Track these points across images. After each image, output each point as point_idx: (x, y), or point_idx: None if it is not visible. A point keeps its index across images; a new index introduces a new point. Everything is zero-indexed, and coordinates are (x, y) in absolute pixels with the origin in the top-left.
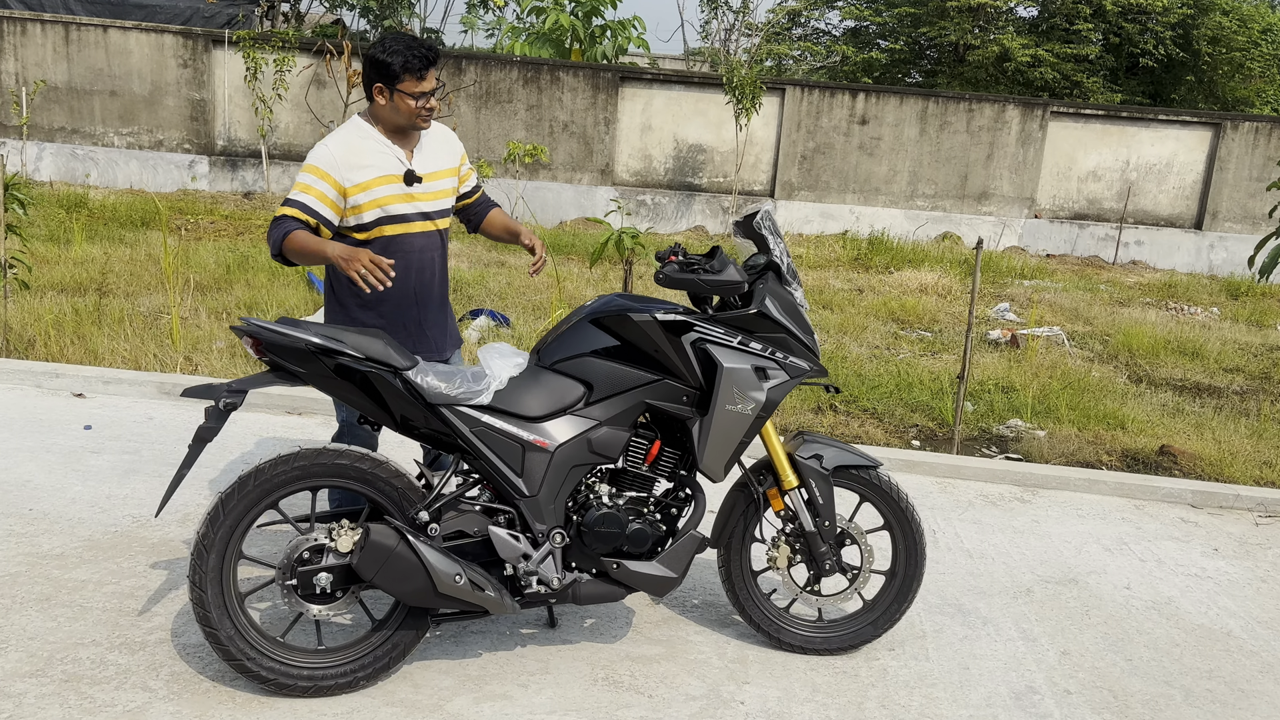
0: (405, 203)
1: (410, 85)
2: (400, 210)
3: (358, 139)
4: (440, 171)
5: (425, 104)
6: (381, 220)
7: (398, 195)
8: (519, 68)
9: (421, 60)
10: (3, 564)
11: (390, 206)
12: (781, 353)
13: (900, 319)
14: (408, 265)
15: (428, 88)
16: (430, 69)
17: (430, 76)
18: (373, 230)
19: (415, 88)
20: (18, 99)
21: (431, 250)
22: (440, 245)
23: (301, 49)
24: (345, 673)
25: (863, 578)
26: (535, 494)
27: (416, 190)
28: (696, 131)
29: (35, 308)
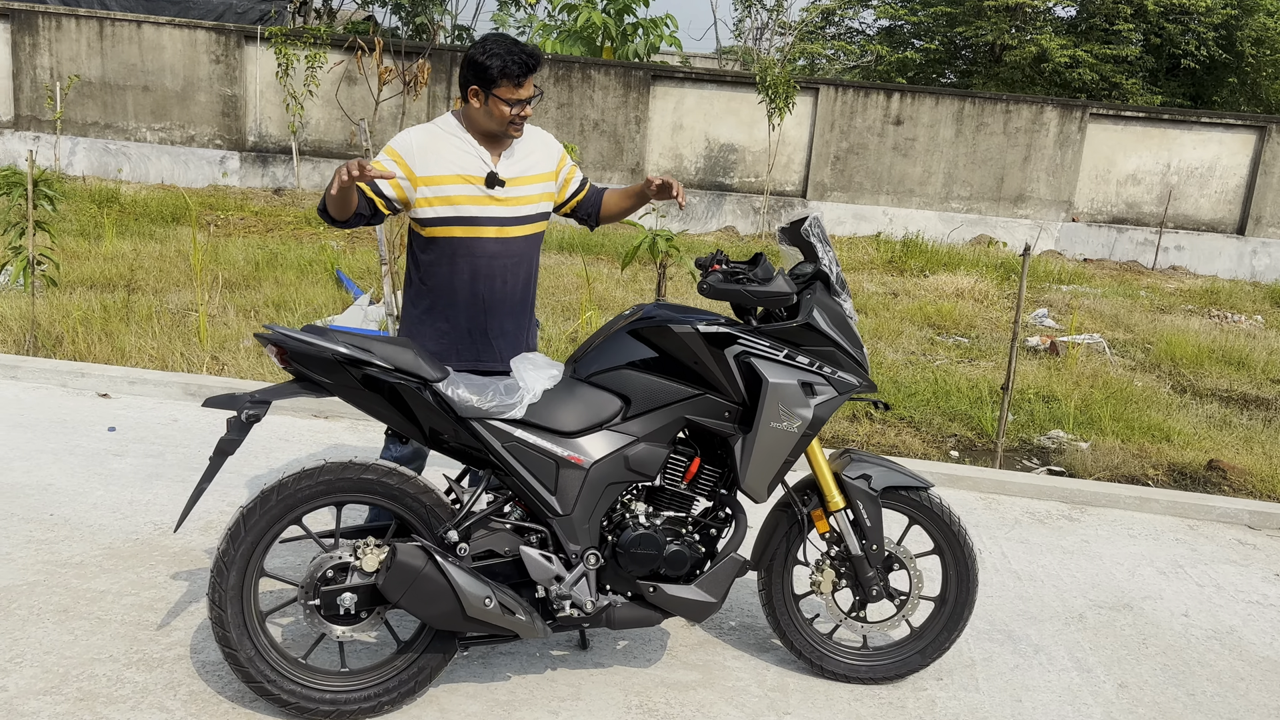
0: (480, 205)
1: (506, 91)
2: (472, 212)
3: (442, 134)
4: (529, 177)
5: (519, 111)
6: (448, 219)
7: (474, 196)
8: (549, 66)
9: (521, 66)
10: (21, 572)
11: (462, 207)
12: (829, 367)
13: (936, 324)
14: (475, 270)
15: (524, 95)
16: (529, 76)
17: (528, 84)
18: (437, 227)
19: (511, 94)
20: (52, 94)
21: (506, 258)
22: (519, 253)
23: (333, 45)
24: (369, 696)
25: (911, 604)
26: (569, 513)
27: (498, 193)
28: (728, 131)
29: (64, 304)
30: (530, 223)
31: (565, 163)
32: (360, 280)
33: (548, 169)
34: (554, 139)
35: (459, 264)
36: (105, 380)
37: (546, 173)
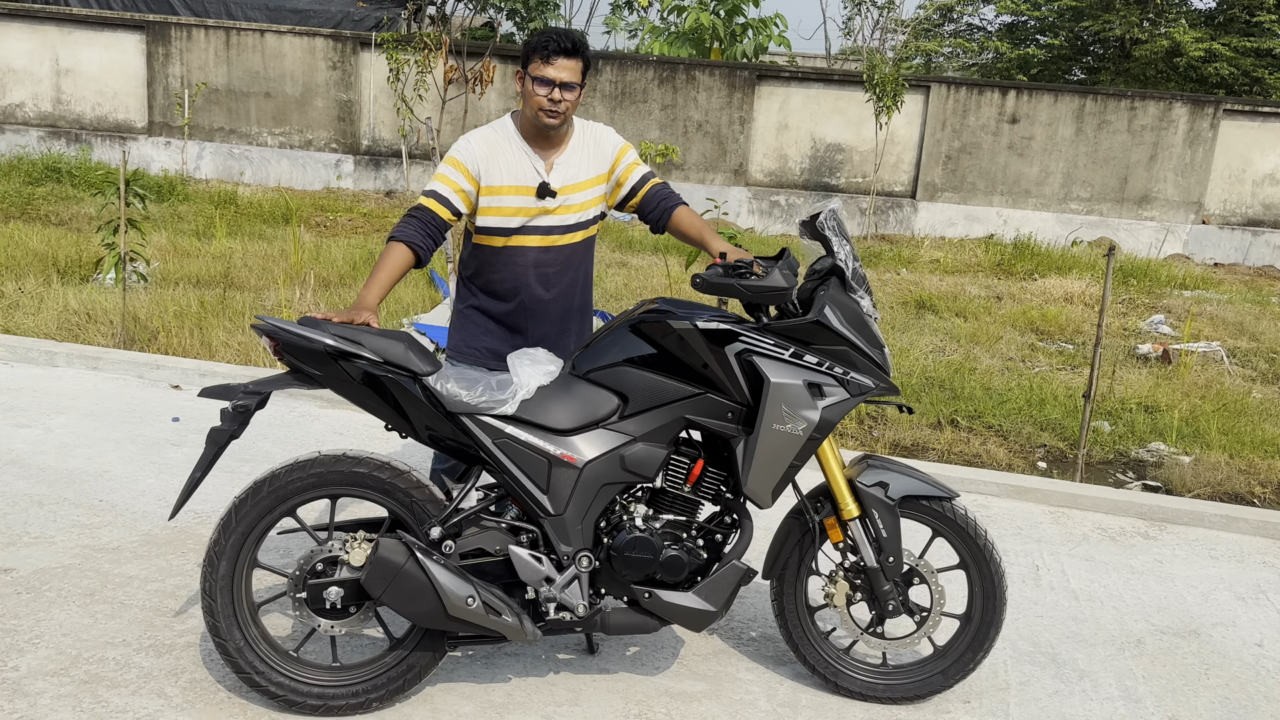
0: (530, 216)
1: (536, 67)
2: (521, 223)
3: (501, 140)
4: (581, 183)
5: (550, 94)
6: (496, 229)
7: (525, 208)
8: (654, 67)
9: (553, 44)
10: (59, 555)
11: (512, 218)
12: (842, 368)
13: (1040, 329)
14: (520, 276)
15: (553, 75)
16: (560, 56)
17: (559, 64)
18: (487, 236)
19: (540, 70)
20: (181, 101)
21: (552, 265)
22: (567, 259)
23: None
24: (357, 693)
25: (932, 621)
26: (561, 513)
27: (549, 204)
28: (835, 130)
29: (164, 299)
30: (580, 229)
31: (623, 160)
32: (452, 279)
33: (600, 171)
34: (613, 135)
35: (504, 270)
36: (179, 373)
37: (599, 175)
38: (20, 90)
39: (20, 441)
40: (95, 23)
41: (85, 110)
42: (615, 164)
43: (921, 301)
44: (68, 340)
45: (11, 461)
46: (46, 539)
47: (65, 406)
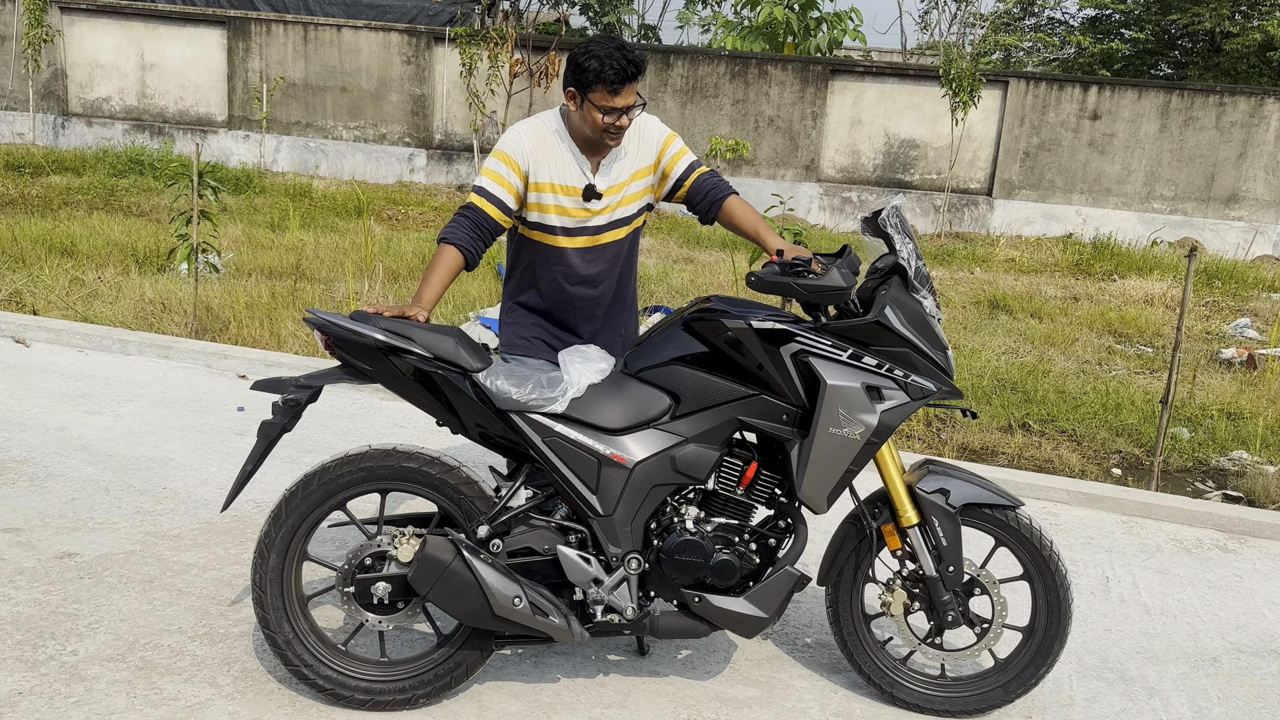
0: (574, 217)
1: (601, 97)
2: (564, 223)
3: (550, 135)
4: (627, 179)
5: (615, 121)
6: (541, 226)
7: (570, 208)
8: (726, 62)
9: (618, 72)
10: (122, 541)
11: (556, 217)
12: (902, 370)
13: (1118, 332)
14: (562, 273)
15: (620, 104)
16: (627, 84)
17: (627, 92)
18: (533, 230)
19: (606, 101)
20: (259, 95)
21: (597, 261)
22: (612, 255)
23: (522, 46)
24: (404, 688)
25: (993, 633)
26: (610, 513)
27: (594, 205)
28: (909, 126)
29: (236, 290)
30: (625, 224)
31: (669, 150)
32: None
33: (646, 163)
34: (656, 126)
35: (547, 267)
36: (246, 363)
37: (644, 169)
38: (107, 84)
39: (90, 428)
40: (179, 18)
41: (168, 104)
42: (661, 154)
43: (995, 301)
44: (142, 329)
45: (81, 448)
46: (110, 525)
47: (135, 394)
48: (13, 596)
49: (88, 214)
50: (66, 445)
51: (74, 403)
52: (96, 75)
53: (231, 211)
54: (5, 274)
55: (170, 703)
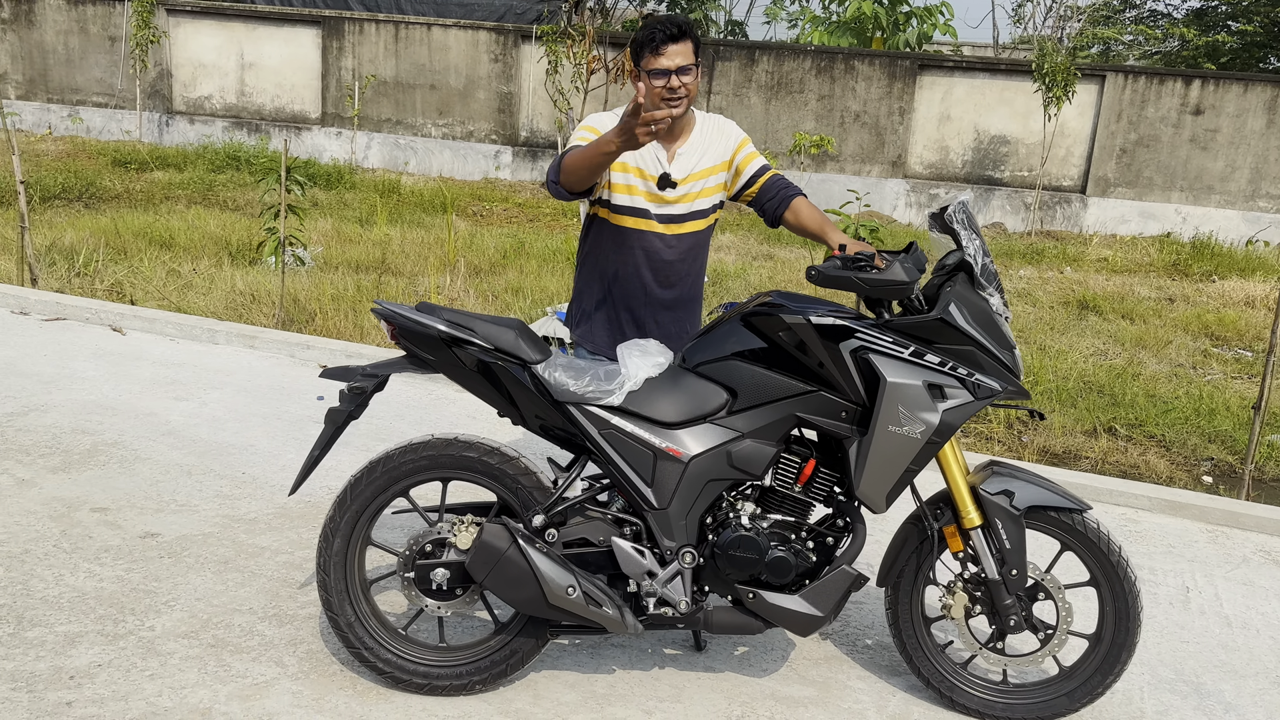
0: (650, 202)
1: (649, 61)
2: (644, 205)
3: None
4: (701, 172)
5: (667, 83)
6: (620, 208)
7: (645, 193)
8: (812, 57)
9: (659, 33)
10: (201, 524)
11: (634, 198)
12: (966, 369)
13: (1216, 334)
14: (635, 261)
15: (666, 63)
16: (670, 44)
17: (672, 53)
18: (609, 212)
19: (653, 63)
20: (352, 93)
21: (669, 252)
22: (686, 248)
23: (600, 43)
24: (460, 674)
25: (1057, 640)
26: (665, 507)
27: (669, 193)
28: (1000, 122)
29: (323, 283)
30: (699, 218)
31: (742, 150)
32: None
33: (721, 160)
34: (735, 127)
35: (620, 253)
36: (327, 353)
37: (719, 164)
38: (209, 83)
39: (177, 414)
40: (277, 18)
41: (265, 102)
42: (736, 152)
43: (1084, 302)
44: (232, 319)
45: (168, 433)
46: (191, 507)
47: (221, 382)
48: (98, 573)
49: (186, 208)
50: (154, 429)
51: (163, 389)
52: (199, 74)
53: (322, 207)
54: (108, 265)
55: (238, 679)
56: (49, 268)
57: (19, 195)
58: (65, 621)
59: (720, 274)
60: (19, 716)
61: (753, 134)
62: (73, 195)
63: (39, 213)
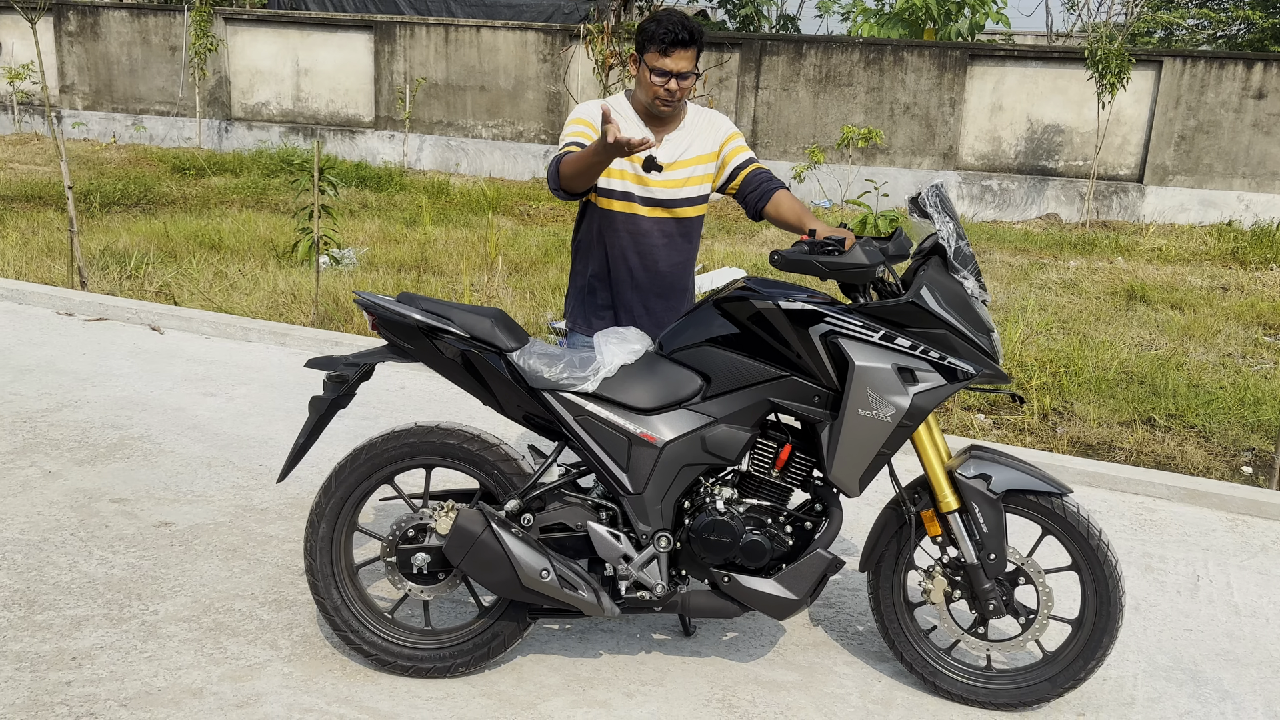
0: (638, 184)
1: (653, 58)
2: (630, 189)
3: (616, 109)
4: (687, 160)
5: (666, 84)
6: (607, 192)
7: (632, 175)
8: (860, 49)
9: (670, 35)
10: (213, 513)
11: (622, 182)
12: (938, 352)
13: (1269, 323)
14: (623, 246)
15: (670, 66)
16: (678, 49)
17: (677, 56)
18: (602, 198)
19: (656, 62)
20: (403, 96)
21: (657, 237)
22: (672, 234)
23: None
24: (444, 657)
25: (1039, 625)
26: (640, 491)
27: (654, 177)
28: (1053, 111)
29: (364, 282)
30: (686, 205)
31: (730, 143)
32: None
33: (709, 150)
34: (726, 121)
35: (608, 237)
36: (355, 349)
37: (706, 154)
38: (266, 90)
39: (204, 409)
40: (331, 25)
41: (320, 107)
42: (724, 145)
43: (1133, 292)
44: (272, 319)
45: (193, 426)
46: (206, 498)
47: (250, 378)
48: (110, 560)
49: (239, 211)
50: (180, 424)
51: (193, 385)
52: (256, 81)
53: (371, 208)
54: (158, 268)
55: (232, 661)
56: (102, 270)
57: (68, 201)
58: (73, 606)
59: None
60: (20, 695)
61: (801, 128)
62: (130, 201)
63: (98, 218)
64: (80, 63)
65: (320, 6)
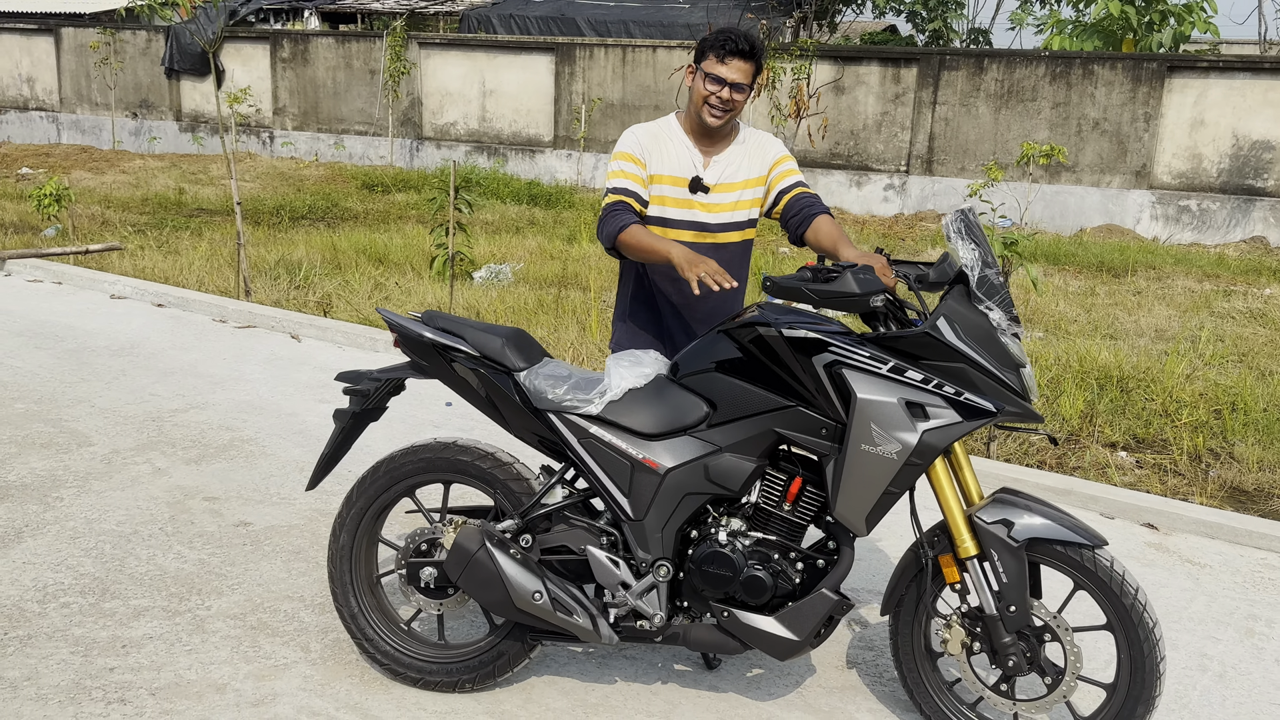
0: (681, 209)
1: (709, 64)
2: (671, 214)
3: (663, 132)
4: (735, 183)
5: (718, 92)
6: (659, 220)
7: (676, 199)
8: (1046, 63)
9: (728, 43)
10: (291, 516)
11: (665, 209)
12: (954, 387)
13: None
14: (665, 274)
15: (724, 74)
16: (736, 58)
17: (733, 66)
18: (651, 227)
19: (712, 68)
20: (579, 115)
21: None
22: (719, 260)
23: (821, 57)
24: (451, 672)
25: (1065, 686)
26: (641, 518)
27: (699, 199)
28: (1264, 126)
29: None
30: (734, 230)
31: (780, 166)
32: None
33: (757, 174)
34: (777, 143)
35: (647, 265)
36: None
37: (755, 178)
38: (454, 110)
39: (314, 415)
40: (515, 47)
41: (504, 127)
42: (773, 168)
43: None
44: None
45: (299, 431)
46: (289, 500)
47: None
48: (186, 555)
49: (412, 227)
50: (288, 429)
51: (311, 392)
52: (445, 102)
53: (538, 224)
54: (324, 279)
55: (261, 660)
56: (273, 281)
57: (236, 214)
58: (139, 596)
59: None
60: (66, 677)
61: (980, 144)
62: (316, 215)
63: (285, 231)
64: (291, 86)
65: (507, 30)
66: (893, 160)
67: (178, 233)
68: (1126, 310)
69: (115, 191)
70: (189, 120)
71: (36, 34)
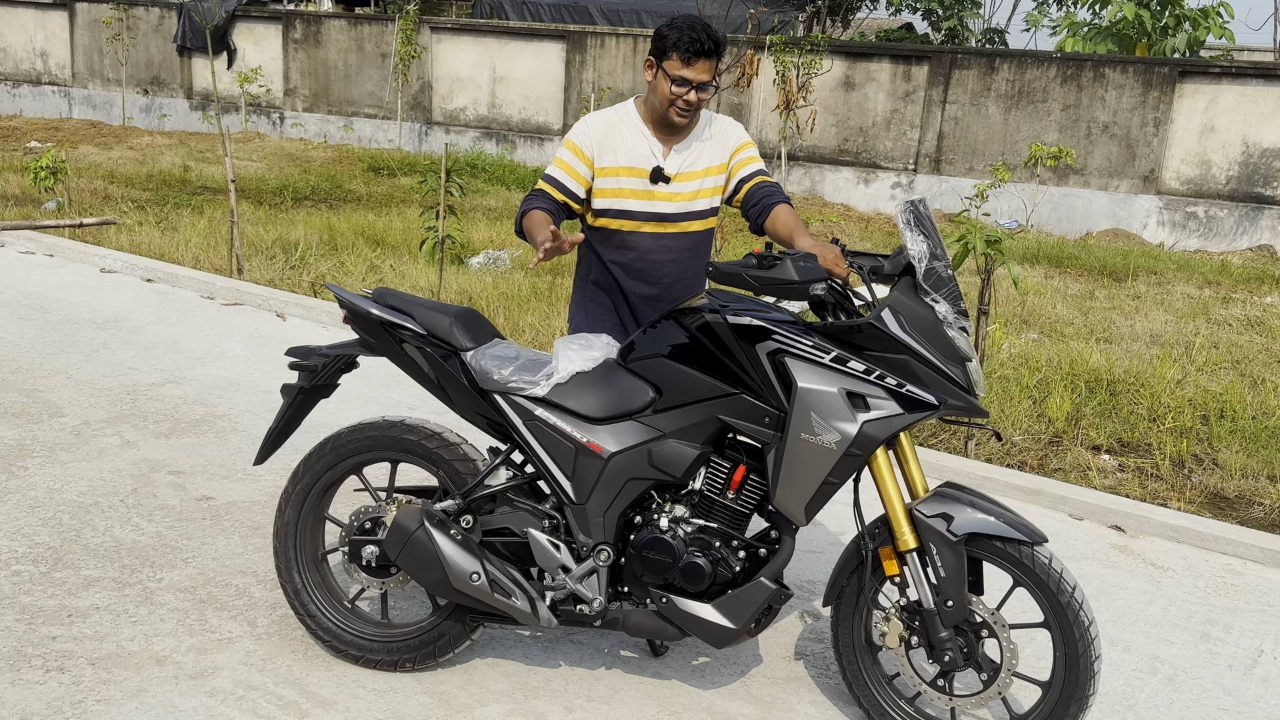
0: (641, 200)
1: (673, 66)
2: (631, 206)
3: (619, 121)
4: (696, 172)
5: (684, 94)
6: (610, 211)
7: (636, 190)
8: (1057, 65)
9: (693, 44)
10: (255, 492)
11: (624, 200)
12: (896, 379)
13: None
14: (629, 263)
15: (690, 75)
16: (700, 59)
17: (698, 66)
18: (600, 218)
19: (676, 70)
20: (588, 104)
21: (663, 253)
22: (680, 249)
23: (833, 53)
24: (392, 651)
25: (1001, 682)
26: (584, 502)
27: (660, 189)
28: (1275, 134)
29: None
30: (695, 219)
31: (741, 153)
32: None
33: (719, 161)
34: (738, 129)
35: (615, 255)
36: None
37: (716, 165)
38: (464, 96)
39: None
40: (526, 34)
41: (513, 114)
42: (734, 155)
43: None
44: None
45: (272, 409)
46: (255, 476)
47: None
48: (144, 528)
49: (413, 210)
50: (262, 406)
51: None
52: (455, 87)
53: None
54: (320, 259)
55: (206, 634)
56: (269, 260)
57: (230, 193)
58: (91, 567)
59: None
60: (10, 643)
61: (989, 145)
62: (319, 197)
63: (286, 211)
64: (302, 68)
65: (519, 16)
66: (901, 158)
67: (178, 210)
68: (1124, 314)
69: (120, 167)
70: (200, 99)
71: (51, 8)
